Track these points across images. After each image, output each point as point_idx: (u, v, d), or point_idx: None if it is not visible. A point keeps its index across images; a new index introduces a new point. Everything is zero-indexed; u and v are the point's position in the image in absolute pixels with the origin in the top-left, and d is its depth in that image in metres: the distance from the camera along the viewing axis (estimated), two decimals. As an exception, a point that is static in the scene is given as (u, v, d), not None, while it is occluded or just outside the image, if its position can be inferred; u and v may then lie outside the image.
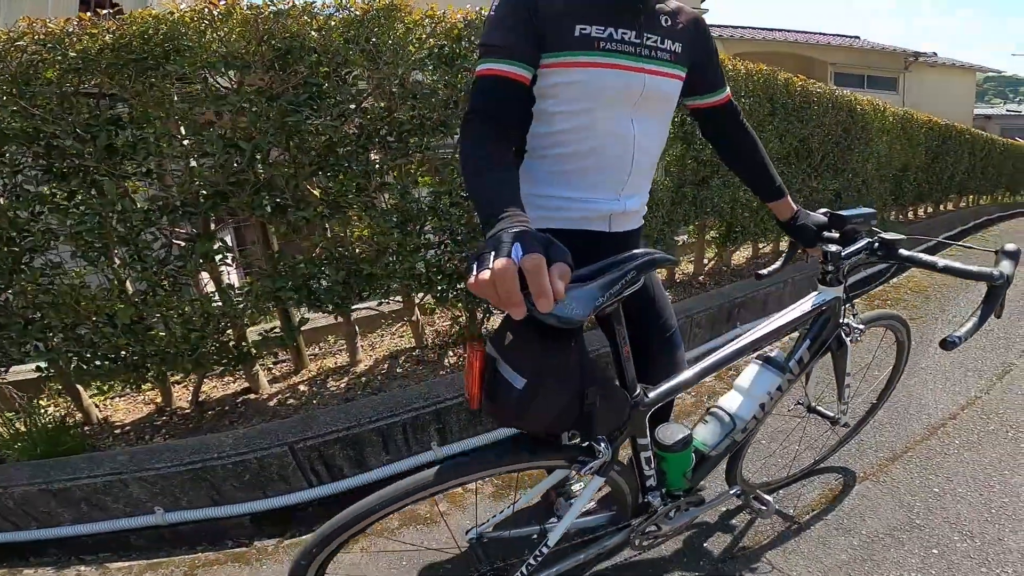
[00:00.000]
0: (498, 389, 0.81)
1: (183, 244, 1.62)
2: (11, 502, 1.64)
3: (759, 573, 1.39)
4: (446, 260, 2.11)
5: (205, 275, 1.84)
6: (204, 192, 1.55)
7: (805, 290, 1.29)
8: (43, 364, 1.66)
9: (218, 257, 1.69)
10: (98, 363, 1.67)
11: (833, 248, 1.18)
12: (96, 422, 2.07)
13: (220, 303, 1.62)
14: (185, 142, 1.49)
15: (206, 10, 1.44)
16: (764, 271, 1.34)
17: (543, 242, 0.66)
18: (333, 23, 1.62)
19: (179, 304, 1.59)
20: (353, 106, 1.75)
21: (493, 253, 0.61)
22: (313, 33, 1.58)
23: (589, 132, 0.97)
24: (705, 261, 3.48)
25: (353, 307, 2.03)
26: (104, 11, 1.47)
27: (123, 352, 1.66)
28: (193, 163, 1.53)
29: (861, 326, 1.40)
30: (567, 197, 1.03)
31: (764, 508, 1.35)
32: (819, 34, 14.81)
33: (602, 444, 0.97)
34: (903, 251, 1.15)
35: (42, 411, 1.99)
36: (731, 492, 1.39)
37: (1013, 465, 1.77)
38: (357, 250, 1.97)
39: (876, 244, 1.18)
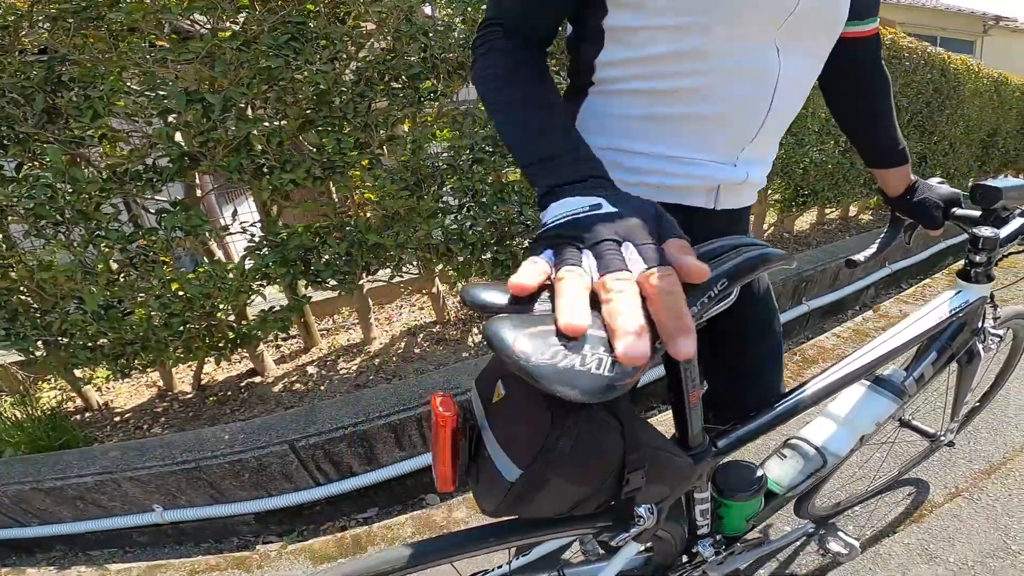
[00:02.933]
0: (483, 471, 0.51)
1: (154, 216, 1.39)
2: (7, 500, 1.54)
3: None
4: (468, 227, 1.83)
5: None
6: (170, 156, 1.30)
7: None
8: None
9: (205, 230, 1.46)
10: (74, 352, 1.50)
11: (988, 232, 0.86)
12: (96, 407, 1.95)
13: (199, 282, 1.40)
14: (142, 99, 1.22)
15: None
16: (858, 257, 1.00)
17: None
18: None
19: (153, 285, 1.38)
20: (352, 47, 1.44)
21: (620, 234, 0.41)
22: (294, -39, 1.26)
23: (703, 62, 0.62)
24: (764, 226, 3.07)
25: (359, 282, 1.79)
26: None
27: (99, 340, 1.48)
28: (155, 123, 1.27)
29: (1000, 332, 1.07)
30: (657, 155, 0.69)
31: (845, 553, 1.06)
32: (884, -8, 14.00)
33: (644, 509, 0.71)
34: None
35: (37, 399, 1.88)
36: (805, 530, 1.12)
37: None
38: (366, 215, 1.71)
39: None
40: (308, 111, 1.39)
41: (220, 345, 1.70)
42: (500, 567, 0.95)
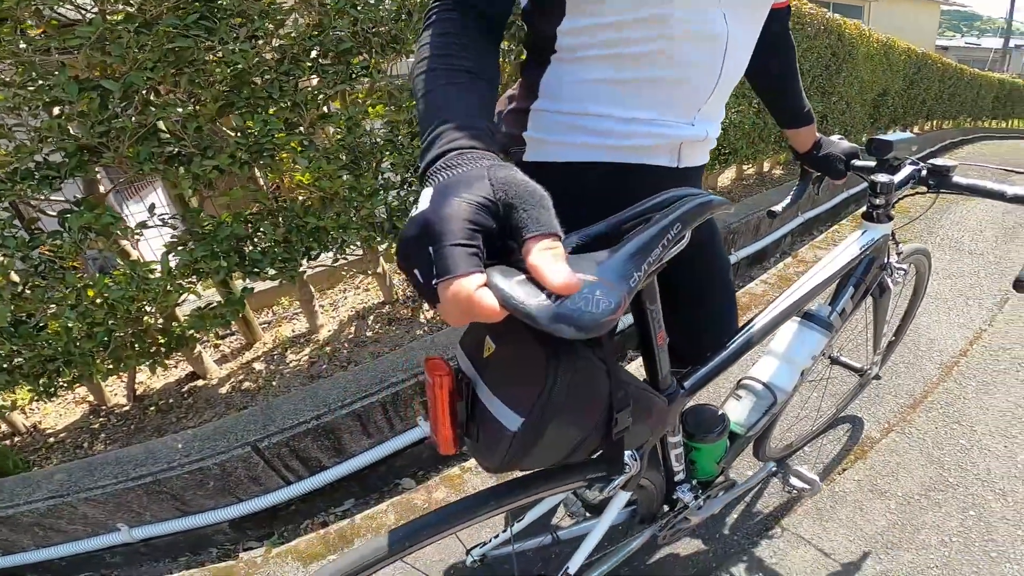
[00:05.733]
0: (483, 427, 0.53)
1: (56, 218, 1.24)
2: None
3: (794, 547, 1.24)
4: (412, 201, 1.79)
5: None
6: (65, 149, 1.15)
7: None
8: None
9: (118, 228, 1.32)
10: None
11: (884, 178, 0.98)
12: (24, 431, 1.76)
13: (119, 286, 1.28)
14: (23, 91, 1.07)
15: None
16: (777, 208, 1.12)
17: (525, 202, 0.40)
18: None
19: (65, 294, 1.24)
20: (272, 24, 1.32)
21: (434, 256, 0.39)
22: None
23: (664, 27, 0.65)
24: (690, 183, 3.22)
25: (300, 269, 1.70)
26: None
27: (15, 360, 1.33)
28: (44, 115, 1.12)
29: (904, 266, 1.21)
30: (625, 118, 0.72)
31: (808, 487, 1.18)
32: (779, -41, 14.58)
33: (628, 456, 0.76)
34: (959, 179, 0.95)
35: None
36: (769, 471, 1.23)
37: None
38: (300, 199, 1.62)
39: (925, 172, 0.99)
40: (228, 92, 1.28)
41: (153, 351, 1.58)
42: (497, 536, 0.98)
